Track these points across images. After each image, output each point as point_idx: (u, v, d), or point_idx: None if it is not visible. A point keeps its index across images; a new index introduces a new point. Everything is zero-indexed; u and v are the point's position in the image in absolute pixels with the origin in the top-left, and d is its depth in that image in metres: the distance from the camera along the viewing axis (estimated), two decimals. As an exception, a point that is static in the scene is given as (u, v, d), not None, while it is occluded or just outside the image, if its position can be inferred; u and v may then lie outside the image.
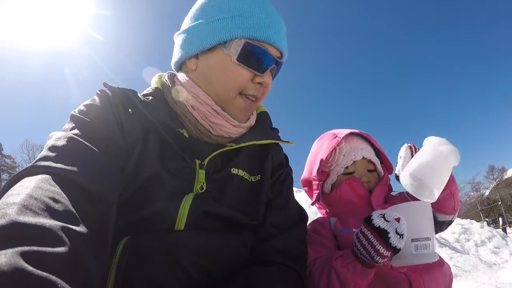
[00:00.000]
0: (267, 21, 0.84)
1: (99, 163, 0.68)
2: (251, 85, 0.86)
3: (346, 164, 1.11)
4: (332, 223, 1.06)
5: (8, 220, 0.41)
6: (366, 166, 1.13)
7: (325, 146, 1.14)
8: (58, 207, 0.50)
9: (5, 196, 0.49)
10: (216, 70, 0.86)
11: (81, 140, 0.68)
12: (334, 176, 1.13)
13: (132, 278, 0.66)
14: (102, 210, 0.61)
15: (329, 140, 1.14)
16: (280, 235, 0.85)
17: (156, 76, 0.99)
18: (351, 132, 1.15)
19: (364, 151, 1.12)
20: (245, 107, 0.89)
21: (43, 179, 0.55)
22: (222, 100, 0.87)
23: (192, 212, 0.75)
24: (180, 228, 0.74)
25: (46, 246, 0.40)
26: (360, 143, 1.15)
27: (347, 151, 1.11)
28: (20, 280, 0.34)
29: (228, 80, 0.85)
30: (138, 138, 0.80)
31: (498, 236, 7.29)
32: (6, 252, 0.36)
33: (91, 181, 0.61)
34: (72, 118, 0.76)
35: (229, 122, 0.87)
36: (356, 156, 1.10)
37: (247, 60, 0.83)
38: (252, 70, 0.84)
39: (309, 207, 5.30)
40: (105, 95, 0.83)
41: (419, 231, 0.73)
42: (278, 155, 1.00)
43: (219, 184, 0.84)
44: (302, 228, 0.94)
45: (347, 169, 1.11)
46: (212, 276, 0.72)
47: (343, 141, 1.13)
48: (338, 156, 1.11)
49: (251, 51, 0.83)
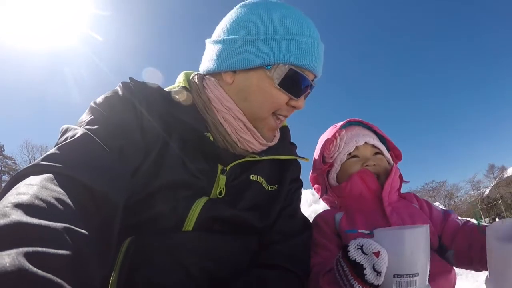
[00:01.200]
0: (311, 47, 0.84)
1: (109, 164, 0.66)
2: (285, 107, 0.88)
3: (349, 150, 1.08)
4: (337, 220, 1.02)
5: (12, 220, 0.41)
6: (370, 151, 1.09)
7: (326, 136, 1.14)
8: (63, 208, 0.50)
9: (10, 194, 0.49)
10: (255, 89, 0.85)
11: (93, 138, 0.67)
12: (338, 165, 1.10)
13: (135, 278, 0.66)
14: (107, 212, 0.61)
15: (329, 130, 1.15)
16: (284, 241, 0.86)
17: (183, 74, 0.96)
18: (349, 120, 1.14)
19: (367, 136, 1.09)
20: (275, 128, 0.92)
21: (49, 178, 0.55)
22: (255, 118, 0.88)
23: (202, 215, 0.75)
24: (188, 229, 0.74)
25: (50, 247, 0.40)
26: (361, 130, 1.12)
27: (348, 138, 1.09)
28: (24, 281, 0.34)
29: (265, 102, 0.86)
30: (159, 137, 0.78)
31: (498, 235, 7.27)
32: (10, 253, 0.36)
33: (98, 182, 0.60)
34: (90, 110, 0.74)
35: (257, 139, 0.89)
36: (358, 141, 1.07)
37: (288, 85, 0.84)
38: (289, 95, 0.86)
39: (310, 206, 5.27)
40: (128, 89, 0.80)
41: (405, 266, 0.64)
42: (297, 170, 1.04)
43: (237, 190, 0.85)
44: (307, 235, 0.95)
45: (350, 155, 1.08)
46: (214, 278, 0.72)
47: (343, 130, 1.11)
48: (340, 143, 1.09)
49: (294, 77, 0.83)
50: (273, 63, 0.82)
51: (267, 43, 0.82)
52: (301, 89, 0.86)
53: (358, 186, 1.03)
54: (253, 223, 0.82)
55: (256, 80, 0.85)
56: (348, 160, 1.08)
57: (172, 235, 0.72)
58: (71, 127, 0.70)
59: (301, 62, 0.82)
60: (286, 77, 0.82)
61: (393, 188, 1.04)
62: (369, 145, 1.09)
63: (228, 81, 0.88)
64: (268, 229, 0.87)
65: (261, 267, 0.79)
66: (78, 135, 0.66)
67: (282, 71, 0.82)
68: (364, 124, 1.16)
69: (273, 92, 0.84)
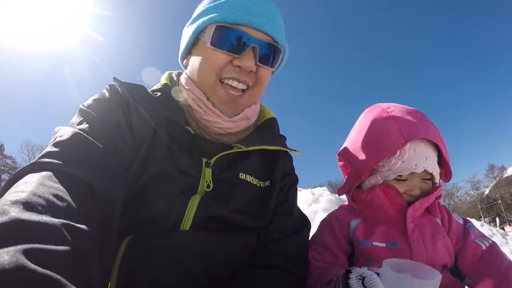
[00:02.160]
0: (244, 5, 0.83)
1: (105, 161, 0.67)
2: (230, 67, 0.84)
3: (402, 173, 0.90)
4: (352, 227, 0.94)
5: (11, 218, 0.41)
6: (422, 176, 0.93)
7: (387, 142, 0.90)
8: (62, 205, 0.50)
9: (8, 193, 0.49)
10: (198, 58, 0.88)
11: (87, 137, 0.68)
12: (381, 179, 0.94)
13: (134, 277, 0.66)
14: (105, 208, 0.61)
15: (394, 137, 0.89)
16: (282, 240, 0.86)
17: (167, 73, 1.00)
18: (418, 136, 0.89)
19: (429, 160, 0.90)
20: (228, 100, 0.86)
21: (46, 176, 0.55)
22: (205, 88, 0.87)
23: (198, 215, 0.75)
24: (186, 228, 0.74)
25: (48, 244, 0.40)
26: (426, 148, 0.92)
27: (409, 157, 0.89)
28: (23, 278, 0.34)
29: (205, 65, 0.85)
30: (147, 134, 0.80)
31: (498, 234, 7.27)
32: (9, 250, 0.36)
33: (95, 179, 0.61)
34: (80, 112, 0.76)
35: (220, 117, 0.87)
36: (417, 167, 0.89)
37: (220, 43, 0.82)
38: (226, 52, 0.82)
39: (309, 206, 5.25)
40: (115, 90, 0.83)
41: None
42: (288, 163, 1.01)
43: (226, 186, 0.84)
44: (305, 234, 0.94)
45: (400, 177, 0.92)
46: (214, 277, 0.72)
47: (407, 143, 0.89)
48: (396, 160, 0.90)
49: (223, 33, 0.82)
50: (204, 27, 0.85)
51: (199, 13, 0.89)
52: (238, 44, 0.82)
53: (380, 200, 0.92)
54: (246, 224, 0.82)
55: (198, 50, 0.89)
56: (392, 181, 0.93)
57: (170, 235, 0.72)
58: (63, 128, 0.71)
59: (228, 18, 0.82)
60: (215, 34, 0.82)
61: (423, 205, 0.93)
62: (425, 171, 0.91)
63: (186, 64, 0.94)
64: (265, 228, 0.86)
65: (260, 267, 0.79)
66: (71, 135, 0.67)
67: (210, 30, 0.83)
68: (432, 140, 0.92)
69: (209, 53, 0.84)
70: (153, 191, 0.75)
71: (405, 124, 0.90)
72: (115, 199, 0.64)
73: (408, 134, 0.88)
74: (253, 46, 0.83)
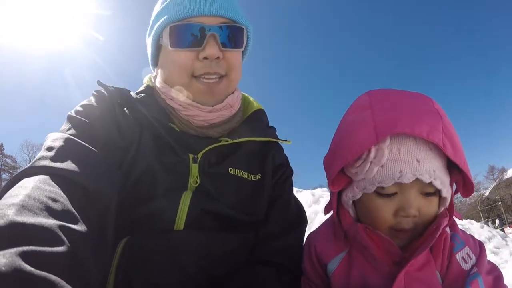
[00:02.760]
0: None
1: (97, 161, 0.68)
2: (200, 63, 0.83)
3: (383, 183, 0.65)
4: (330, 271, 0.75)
5: (7, 221, 0.41)
6: (421, 189, 0.66)
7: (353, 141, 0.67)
8: (57, 207, 0.50)
9: (4, 197, 0.50)
10: (164, 64, 0.89)
11: (78, 140, 0.69)
12: (359, 192, 0.69)
13: (132, 278, 0.66)
14: (101, 209, 0.62)
15: (364, 132, 0.65)
16: (280, 236, 0.85)
17: (148, 76, 1.02)
18: (402, 132, 0.63)
19: (423, 165, 0.63)
20: (206, 90, 0.85)
21: (41, 179, 0.56)
22: (181, 88, 0.87)
23: (191, 211, 0.75)
24: (180, 227, 0.74)
25: (45, 245, 0.40)
26: (418, 148, 0.64)
27: (390, 161, 0.64)
28: (20, 280, 0.34)
29: (174, 68, 0.85)
30: (135, 136, 0.81)
31: (498, 236, 7.28)
32: (5, 253, 0.36)
33: (89, 180, 0.61)
34: (69, 119, 0.77)
35: (201, 109, 0.86)
36: (403, 174, 0.63)
37: (179, 42, 0.82)
38: (189, 49, 0.82)
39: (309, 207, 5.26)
40: (101, 95, 0.85)
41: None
42: (280, 155, 0.99)
43: (216, 181, 0.83)
44: (303, 228, 0.94)
45: (384, 190, 0.66)
46: (212, 276, 0.72)
47: (387, 139, 0.64)
48: (371, 166, 0.65)
49: (178, 32, 0.82)
50: (159, 33, 0.86)
51: (152, 22, 0.90)
52: (196, 36, 0.81)
53: (365, 242, 0.68)
54: (240, 219, 0.82)
55: (162, 57, 0.90)
56: (376, 196, 0.67)
57: (166, 235, 0.72)
58: (55, 133, 0.72)
59: (176, 15, 0.82)
60: (171, 35, 0.83)
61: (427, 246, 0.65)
62: (420, 181, 0.64)
63: (156, 73, 0.96)
64: (262, 223, 0.86)
65: (257, 264, 0.79)
66: (63, 140, 0.68)
67: (167, 33, 0.84)
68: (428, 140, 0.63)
69: (173, 56, 0.84)
70: (143, 191, 0.75)
71: (382, 114, 0.65)
72: (110, 197, 0.65)
73: (382, 127, 0.63)
74: (211, 34, 0.81)
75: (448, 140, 0.63)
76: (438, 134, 0.62)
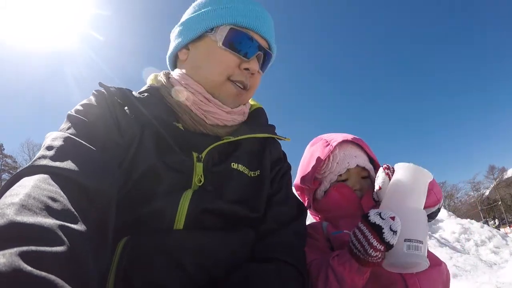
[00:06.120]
0: (253, 11, 0.90)
1: (97, 160, 0.68)
2: (238, 71, 0.89)
3: (340, 171, 1.10)
4: (324, 226, 1.06)
5: (6, 220, 0.41)
6: (359, 174, 1.12)
7: (318, 153, 1.14)
8: (57, 206, 0.50)
9: (4, 196, 0.49)
10: (204, 56, 0.90)
11: (77, 139, 0.69)
12: (328, 183, 1.12)
13: (132, 278, 0.66)
14: (101, 208, 0.61)
15: (322, 148, 1.14)
16: (280, 231, 0.85)
17: (152, 75, 1.01)
18: (344, 139, 1.14)
19: (358, 158, 1.12)
20: (235, 93, 0.91)
21: (41, 178, 0.55)
22: (211, 86, 0.89)
23: (191, 210, 0.75)
24: (179, 226, 0.74)
25: (45, 245, 0.40)
26: (354, 150, 1.14)
27: (341, 158, 1.11)
28: (19, 280, 0.34)
29: (215, 65, 0.88)
30: (135, 135, 0.81)
31: (498, 236, 7.28)
32: (5, 253, 0.36)
33: (89, 179, 0.61)
34: (68, 118, 0.77)
35: (221, 109, 0.89)
36: (350, 163, 1.09)
37: (232, 45, 0.87)
38: (238, 55, 0.88)
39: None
40: (101, 94, 0.85)
41: (412, 233, 0.77)
42: (276, 150, 1.01)
43: (219, 178, 0.84)
44: (302, 222, 0.94)
45: (341, 177, 1.11)
46: (213, 275, 0.71)
47: (336, 148, 1.12)
48: (332, 163, 1.11)
49: (236, 36, 0.87)
50: (214, 26, 0.88)
51: (208, 11, 0.91)
52: (248, 48, 0.88)
53: (336, 199, 1.08)
54: (241, 215, 0.81)
55: (203, 47, 0.91)
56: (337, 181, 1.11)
57: (165, 234, 0.72)
58: (54, 132, 0.71)
59: (241, 21, 0.87)
60: (228, 36, 0.86)
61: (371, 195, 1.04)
62: (360, 167, 1.11)
63: (183, 59, 0.95)
64: (261, 219, 0.86)
65: (258, 261, 0.78)
66: (63, 138, 0.68)
67: (224, 31, 0.87)
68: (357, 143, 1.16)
69: (219, 53, 0.87)
70: (144, 190, 0.75)
71: (328, 137, 1.18)
72: (110, 197, 0.64)
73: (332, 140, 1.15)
74: (260, 54, 0.91)
75: (366, 147, 1.17)
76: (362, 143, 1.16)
